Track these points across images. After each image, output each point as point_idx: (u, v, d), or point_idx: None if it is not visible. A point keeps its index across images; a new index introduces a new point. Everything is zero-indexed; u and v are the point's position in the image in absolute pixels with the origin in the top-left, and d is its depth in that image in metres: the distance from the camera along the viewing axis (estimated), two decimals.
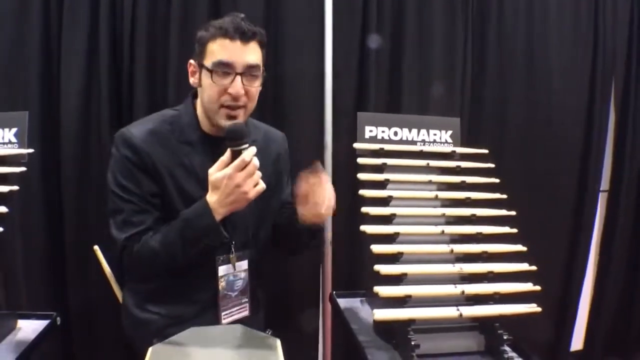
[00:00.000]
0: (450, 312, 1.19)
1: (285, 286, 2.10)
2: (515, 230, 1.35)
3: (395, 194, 1.38)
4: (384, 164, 1.44)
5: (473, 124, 2.34)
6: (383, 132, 1.53)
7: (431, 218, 1.37)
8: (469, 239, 1.35)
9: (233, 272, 1.35)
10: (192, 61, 1.32)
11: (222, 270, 1.34)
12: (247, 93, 1.27)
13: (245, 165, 1.18)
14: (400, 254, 1.26)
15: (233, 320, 1.36)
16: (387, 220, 1.34)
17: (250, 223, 1.38)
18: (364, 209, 1.34)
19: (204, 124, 1.34)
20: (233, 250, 1.34)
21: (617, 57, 2.66)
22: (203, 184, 1.23)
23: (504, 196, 1.43)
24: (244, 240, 1.37)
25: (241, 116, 1.28)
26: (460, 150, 1.55)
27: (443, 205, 1.43)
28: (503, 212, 1.39)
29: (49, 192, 1.92)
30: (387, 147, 1.48)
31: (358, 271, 2.09)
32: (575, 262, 2.76)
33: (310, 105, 2.09)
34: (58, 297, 1.94)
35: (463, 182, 1.45)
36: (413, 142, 1.54)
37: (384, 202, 1.37)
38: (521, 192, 2.50)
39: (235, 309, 1.39)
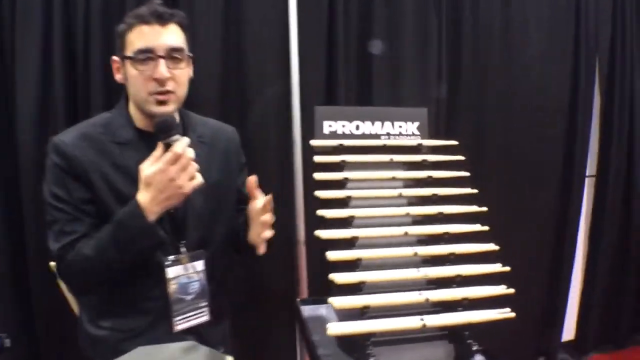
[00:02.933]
0: (413, 322, 1.04)
1: (256, 292, 1.96)
2: (486, 228, 1.20)
3: (354, 193, 1.23)
4: (343, 161, 1.29)
5: (450, 114, 2.19)
6: (343, 126, 1.37)
7: (394, 218, 1.22)
8: (436, 240, 1.20)
9: (186, 273, 1.26)
10: (114, 57, 1.25)
11: (172, 272, 1.24)
12: (174, 78, 1.20)
13: (177, 158, 1.11)
14: (359, 260, 1.12)
15: (190, 326, 1.26)
16: (345, 223, 1.19)
17: (202, 221, 1.29)
18: (320, 212, 1.19)
19: (138, 121, 1.26)
20: (184, 249, 1.26)
21: (600, 37, 2.50)
22: (137, 182, 1.15)
23: (474, 191, 1.28)
24: (197, 239, 1.28)
25: (171, 102, 1.21)
26: (428, 142, 1.40)
27: (409, 204, 1.29)
28: (473, 208, 1.24)
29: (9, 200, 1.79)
30: (347, 142, 1.33)
31: None
32: (564, 250, 2.63)
33: (277, 101, 1.94)
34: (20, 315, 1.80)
35: (429, 177, 1.30)
36: (376, 136, 1.39)
37: (344, 203, 1.23)
38: (503, 182, 2.37)
39: (192, 314, 1.28)
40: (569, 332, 2.76)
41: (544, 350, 2.68)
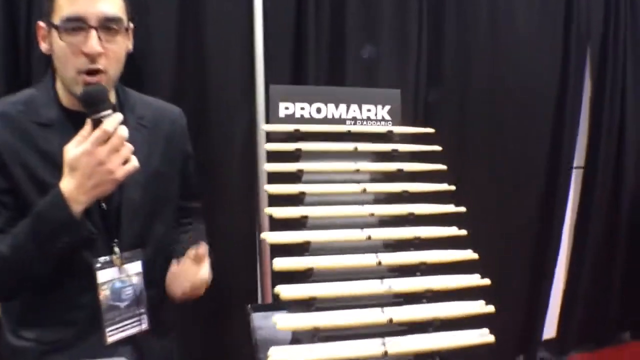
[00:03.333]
0: (373, 347, 0.85)
1: (215, 300, 1.74)
2: (464, 232, 1.00)
3: (309, 189, 1.01)
4: (298, 150, 1.07)
5: (430, 100, 1.98)
6: (302, 109, 1.15)
7: (356, 219, 1.01)
8: (405, 246, 0.99)
9: (119, 276, 1.08)
10: (40, 23, 1.04)
11: (103, 275, 1.06)
12: (107, 53, 1.01)
13: (108, 137, 0.94)
14: (310, 270, 0.91)
15: (126, 336, 1.10)
16: (299, 223, 0.98)
17: (139, 216, 1.11)
18: (267, 210, 0.98)
19: (65, 99, 1.07)
20: (118, 249, 1.08)
21: (591, 25, 2.32)
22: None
23: (451, 187, 1.07)
24: (133, 237, 1.10)
25: (103, 83, 1.02)
26: (400, 130, 1.18)
27: (375, 201, 1.07)
28: (449, 208, 1.04)
29: None
30: (305, 127, 1.11)
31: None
32: (548, 246, 2.46)
33: (238, 82, 1.71)
34: None
35: (400, 170, 1.08)
36: (341, 121, 1.17)
37: (298, 199, 1.01)
38: (485, 173, 2.18)
39: (128, 322, 1.11)
40: (550, 329, 2.60)
41: (524, 347, 2.53)
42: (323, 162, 1.09)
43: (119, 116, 0.95)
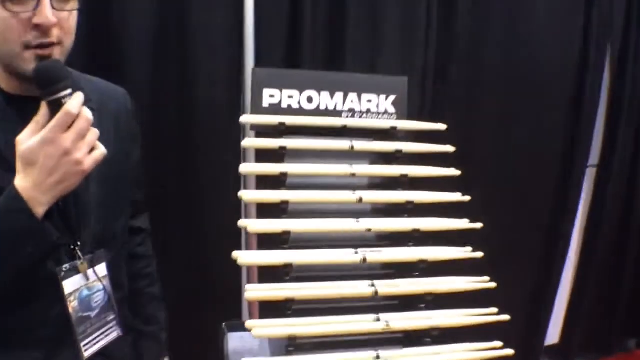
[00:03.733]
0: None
1: (196, 296, 1.56)
2: (480, 255, 0.81)
3: (293, 196, 0.82)
4: (283, 148, 0.87)
5: (439, 90, 1.76)
6: (290, 97, 0.95)
7: (350, 237, 0.81)
8: (406, 269, 0.80)
9: (86, 283, 0.91)
10: None
11: (69, 285, 0.88)
12: (60, 23, 0.80)
13: (72, 121, 0.75)
14: (290, 301, 0.72)
15: (100, 348, 0.93)
16: (280, 241, 0.79)
17: (99, 211, 0.93)
18: (242, 222, 0.78)
19: (5, 82, 0.85)
20: (80, 253, 0.88)
21: (613, 18, 2.11)
22: (11, 165, 0.77)
23: (466, 198, 0.87)
24: (95, 237, 0.92)
25: (57, 57, 0.81)
26: (406, 125, 0.98)
27: (372, 213, 0.88)
28: (463, 223, 0.84)
29: None
30: (291, 120, 0.91)
31: None
32: (556, 247, 2.27)
33: (224, 66, 1.50)
34: None
35: (404, 176, 0.88)
36: (336, 113, 0.97)
37: (280, 210, 0.82)
38: (495, 169, 1.98)
39: (100, 332, 0.95)
40: (554, 334, 2.43)
41: (525, 353, 2.36)
42: (312, 163, 0.89)
43: (80, 95, 0.75)
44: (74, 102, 0.73)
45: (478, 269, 0.83)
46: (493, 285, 0.77)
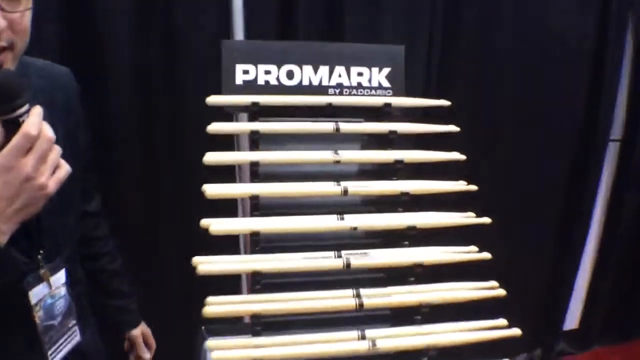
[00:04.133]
0: None
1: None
2: (488, 256, 0.67)
3: (264, 190, 0.68)
4: (255, 132, 0.73)
5: (446, 64, 1.58)
6: (268, 73, 0.81)
7: (332, 236, 0.68)
8: (399, 275, 0.66)
9: (50, 291, 0.86)
10: None
11: (35, 295, 0.83)
12: (12, 25, 0.71)
13: (32, 143, 0.65)
14: (257, 318, 0.59)
15: (65, 354, 0.89)
16: (250, 242, 0.66)
17: (56, 212, 0.84)
18: (204, 222, 0.65)
19: None
20: (42, 262, 0.82)
21: None
22: None
23: (472, 187, 0.73)
24: (55, 241, 0.85)
25: (9, 62, 0.72)
26: (401, 101, 0.82)
27: (360, 207, 0.74)
28: (469, 218, 0.70)
29: None
30: (266, 100, 0.77)
31: None
32: (576, 227, 2.10)
33: (209, 39, 1.35)
34: None
35: (399, 162, 0.74)
36: (321, 90, 0.82)
37: (251, 206, 0.68)
38: (509, 145, 1.80)
39: (64, 339, 0.91)
40: (572, 320, 2.28)
41: (542, 339, 2.22)
42: (293, 149, 0.75)
43: (39, 111, 0.64)
44: (33, 121, 0.61)
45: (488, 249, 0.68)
46: (502, 293, 0.63)
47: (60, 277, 0.86)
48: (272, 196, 0.67)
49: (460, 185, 0.73)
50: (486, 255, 0.67)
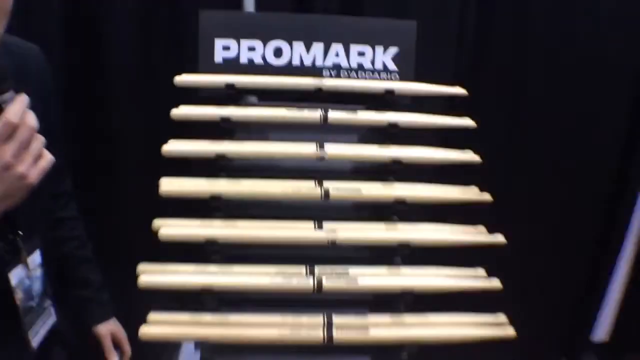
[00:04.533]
0: None
1: None
2: (497, 286, 0.53)
3: (227, 189, 0.56)
4: (226, 120, 0.60)
5: (476, 50, 1.38)
6: (252, 49, 0.68)
7: (307, 247, 0.56)
8: (390, 302, 0.53)
9: (27, 273, 0.84)
10: None
11: (15, 277, 0.80)
12: None
13: (13, 131, 0.61)
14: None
15: (44, 335, 0.85)
16: (204, 257, 0.54)
17: (34, 194, 0.77)
18: (157, 223, 0.54)
19: None
20: (21, 244, 0.78)
21: None
22: None
23: (485, 197, 0.58)
24: (32, 223, 0.82)
25: None
26: (406, 87, 0.68)
27: (344, 213, 0.61)
28: (479, 234, 0.56)
29: None
30: (244, 81, 0.64)
31: None
32: (611, 234, 1.90)
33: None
34: None
35: (396, 162, 0.60)
36: (314, 71, 0.69)
37: (210, 207, 0.57)
38: (541, 146, 1.59)
39: (41, 320, 0.89)
40: (603, 332, 2.09)
41: (569, 350, 2.05)
42: (273, 139, 0.63)
43: (23, 99, 0.58)
44: (15, 109, 0.57)
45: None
46: (511, 333, 0.49)
47: (36, 257, 0.83)
48: (236, 196, 0.55)
49: (471, 193, 0.59)
50: (495, 284, 0.53)
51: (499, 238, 0.57)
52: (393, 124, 0.62)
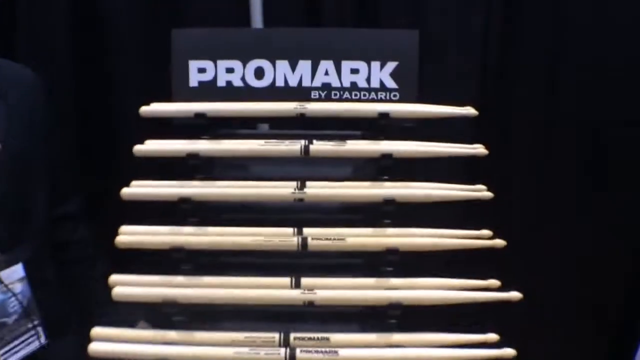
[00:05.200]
0: None
1: None
2: (510, 355, 0.42)
3: (192, 239, 0.48)
4: (193, 155, 0.52)
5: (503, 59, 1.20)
6: (230, 71, 0.59)
7: (280, 304, 0.46)
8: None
9: (0, 287, 0.81)
10: None
11: None
12: None
13: None
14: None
15: (24, 355, 0.82)
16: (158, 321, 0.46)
17: (9, 208, 0.81)
18: (112, 280, 0.47)
19: None
20: None
21: None
22: None
23: (499, 242, 0.47)
24: (6, 236, 0.80)
25: None
26: (402, 109, 0.57)
27: (324, 268, 0.51)
28: (492, 293, 0.45)
29: None
30: (217, 108, 0.55)
31: None
32: None
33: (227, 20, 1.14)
34: None
35: (389, 202, 0.50)
36: (301, 92, 0.59)
37: (169, 260, 0.49)
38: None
39: (19, 340, 0.84)
40: None
41: None
42: (252, 173, 0.54)
43: None
44: None
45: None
46: None
47: (14, 272, 0.78)
48: (201, 246, 0.47)
49: (487, 242, 0.48)
50: (509, 353, 0.42)
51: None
52: (387, 154, 0.51)
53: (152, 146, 0.54)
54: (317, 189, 0.49)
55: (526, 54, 1.14)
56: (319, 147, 0.52)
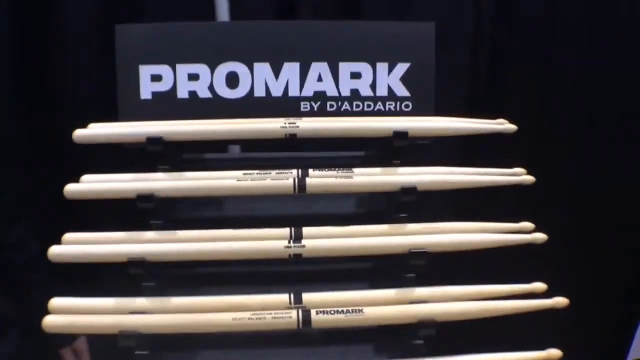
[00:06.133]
0: None
1: None
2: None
3: (143, 323, 0.33)
4: (146, 198, 0.37)
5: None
6: (194, 78, 0.45)
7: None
8: None
9: None
10: None
11: None
12: None
13: None
14: None
15: None
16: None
17: None
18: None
19: None
20: None
21: None
22: None
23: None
24: None
25: None
26: (427, 125, 0.43)
27: (323, 336, 0.38)
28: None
29: None
30: (175, 130, 0.41)
31: None
32: None
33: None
34: None
35: (417, 254, 0.36)
36: (288, 104, 0.46)
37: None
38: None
39: None
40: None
41: None
42: (235, 212, 0.40)
43: None
44: None
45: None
46: None
47: None
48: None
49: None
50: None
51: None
52: (409, 187, 0.38)
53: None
54: (317, 244, 0.35)
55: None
56: (318, 180, 0.38)
